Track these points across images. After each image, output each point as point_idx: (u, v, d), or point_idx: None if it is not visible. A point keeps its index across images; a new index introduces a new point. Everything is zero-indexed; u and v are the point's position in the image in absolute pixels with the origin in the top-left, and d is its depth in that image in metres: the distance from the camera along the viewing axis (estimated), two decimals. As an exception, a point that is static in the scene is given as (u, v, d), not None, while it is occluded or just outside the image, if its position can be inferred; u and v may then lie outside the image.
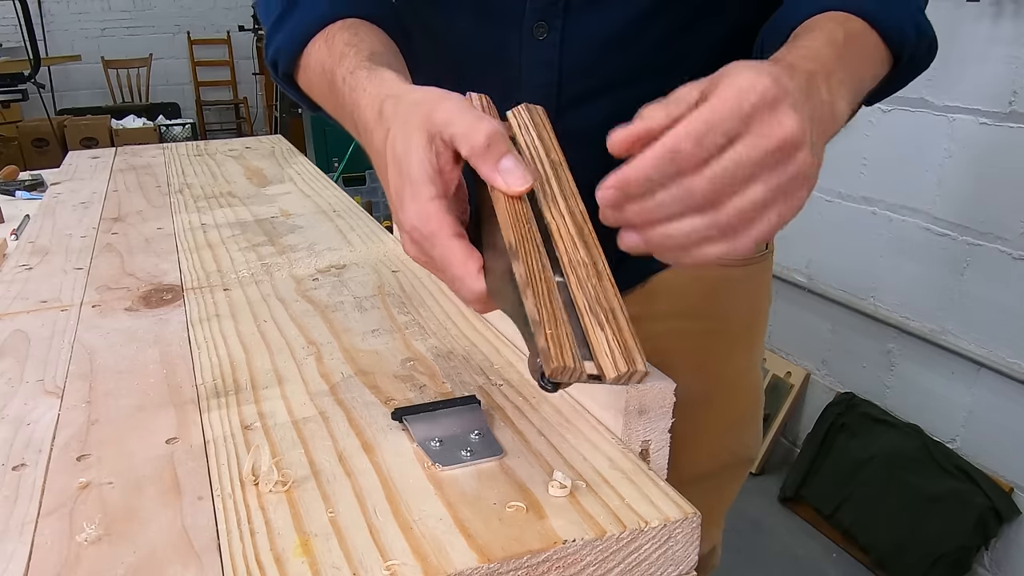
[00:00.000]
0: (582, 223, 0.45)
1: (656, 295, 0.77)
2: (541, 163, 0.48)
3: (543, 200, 0.46)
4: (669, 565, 0.41)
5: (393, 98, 0.50)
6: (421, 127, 0.46)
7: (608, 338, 0.41)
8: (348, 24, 0.62)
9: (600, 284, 0.43)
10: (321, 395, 0.53)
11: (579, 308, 0.42)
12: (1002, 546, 1.85)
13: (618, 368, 0.40)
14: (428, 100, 0.47)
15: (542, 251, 0.43)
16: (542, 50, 0.67)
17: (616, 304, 0.42)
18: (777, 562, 2.04)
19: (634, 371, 0.40)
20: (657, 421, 0.47)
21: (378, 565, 0.36)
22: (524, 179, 0.44)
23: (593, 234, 0.45)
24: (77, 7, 6.30)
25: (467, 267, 0.44)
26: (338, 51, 0.60)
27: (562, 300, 0.42)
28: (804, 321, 2.32)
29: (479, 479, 0.43)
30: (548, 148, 0.49)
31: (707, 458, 0.82)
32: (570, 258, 0.44)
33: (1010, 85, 1.70)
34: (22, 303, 0.72)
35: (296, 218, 0.96)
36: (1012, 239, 1.74)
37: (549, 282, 0.42)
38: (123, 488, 0.43)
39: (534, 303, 0.40)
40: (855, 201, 2.11)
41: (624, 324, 0.41)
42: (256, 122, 6.78)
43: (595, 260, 0.44)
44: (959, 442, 1.93)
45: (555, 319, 0.40)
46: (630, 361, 0.40)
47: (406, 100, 0.49)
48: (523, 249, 0.42)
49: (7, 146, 4.77)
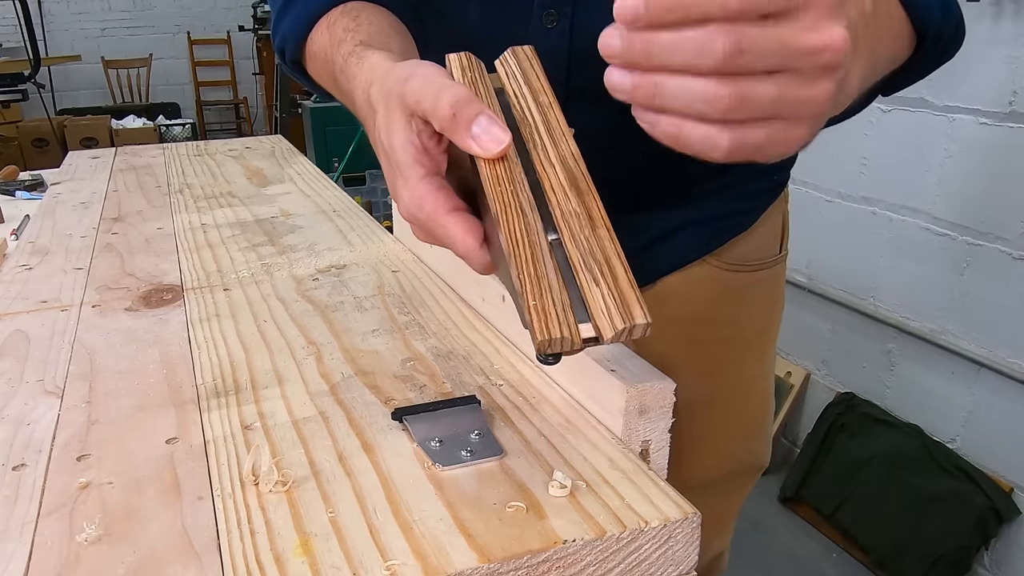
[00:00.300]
0: (574, 168, 0.43)
1: (665, 299, 0.75)
2: (529, 109, 0.46)
3: (533, 150, 0.44)
4: (669, 565, 0.40)
5: (377, 82, 0.49)
6: (398, 108, 0.45)
7: (604, 294, 0.38)
8: (351, 7, 0.61)
9: (595, 233, 0.40)
10: (321, 395, 0.53)
11: (574, 265, 0.39)
12: (1002, 546, 1.85)
13: (615, 325, 0.37)
14: (401, 78, 0.45)
15: (528, 213, 0.41)
16: (551, 39, 0.65)
17: (612, 252, 0.40)
18: (777, 562, 2.04)
19: (633, 325, 0.37)
20: (657, 421, 0.47)
21: (378, 565, 0.36)
22: (498, 140, 0.41)
23: (587, 177, 0.43)
24: (77, 7, 6.30)
25: (467, 243, 0.43)
26: (337, 37, 0.58)
27: (557, 260, 0.40)
28: (804, 321, 2.32)
29: (479, 479, 0.43)
30: (536, 91, 0.47)
31: (715, 465, 0.81)
32: (563, 210, 0.41)
33: (1010, 85, 1.71)
34: (22, 303, 0.72)
35: (296, 218, 0.96)
36: (1012, 239, 1.74)
37: (534, 246, 0.40)
38: (123, 488, 0.43)
39: (516, 273, 0.39)
40: (855, 201, 2.11)
41: (621, 273, 0.39)
42: (256, 122, 6.79)
43: (588, 207, 0.41)
44: (959, 442, 1.93)
45: (539, 287, 0.38)
46: (627, 316, 0.37)
47: (386, 81, 0.47)
48: (504, 216, 0.40)
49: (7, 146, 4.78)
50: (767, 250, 0.78)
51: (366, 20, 0.59)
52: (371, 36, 0.57)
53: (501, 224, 0.40)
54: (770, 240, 0.79)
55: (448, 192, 0.44)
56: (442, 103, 0.42)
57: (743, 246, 0.77)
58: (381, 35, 0.57)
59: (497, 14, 0.67)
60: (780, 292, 0.84)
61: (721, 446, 0.82)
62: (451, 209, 0.43)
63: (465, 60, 0.49)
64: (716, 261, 0.75)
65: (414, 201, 0.44)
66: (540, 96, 0.46)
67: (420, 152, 0.44)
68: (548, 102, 0.46)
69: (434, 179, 0.44)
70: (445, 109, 0.41)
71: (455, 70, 0.48)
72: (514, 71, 0.48)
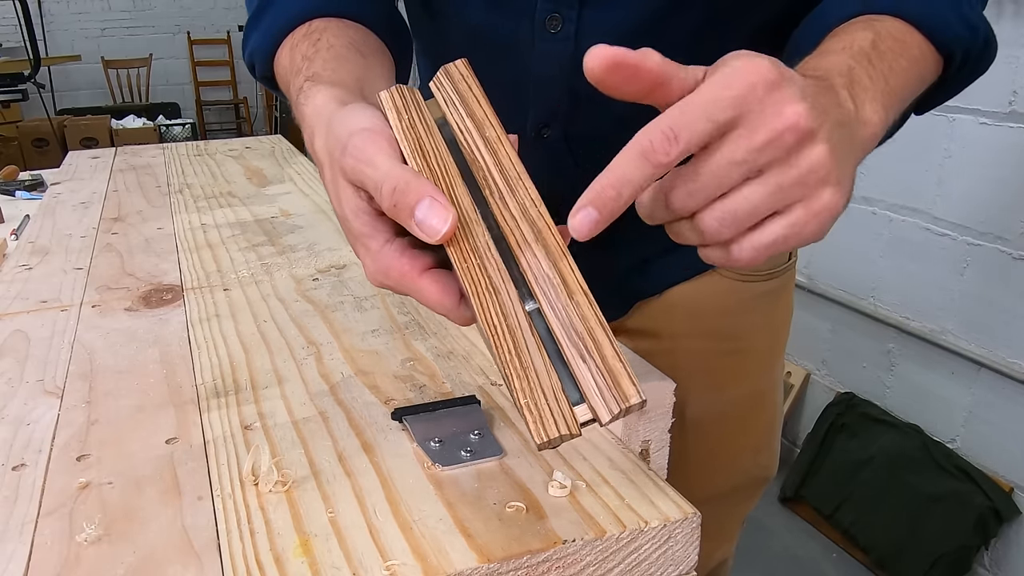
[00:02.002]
0: (536, 218, 0.40)
1: (674, 309, 0.74)
2: (477, 147, 0.43)
3: (491, 198, 0.41)
4: (669, 565, 0.40)
5: (319, 135, 0.46)
6: (342, 177, 0.42)
7: (593, 372, 0.36)
8: (315, 28, 0.58)
9: (572, 301, 0.38)
10: (321, 395, 0.53)
11: (557, 339, 0.38)
12: (1002, 546, 1.85)
13: (610, 410, 0.36)
14: (338, 141, 0.43)
15: (500, 289, 0.39)
16: (555, 44, 0.63)
17: (593, 322, 0.37)
18: (777, 562, 2.04)
19: (627, 408, 0.36)
20: (657, 421, 0.47)
21: (378, 565, 0.36)
22: (441, 223, 0.38)
23: (551, 227, 0.40)
24: (77, 7, 6.30)
25: (444, 304, 0.41)
26: (296, 66, 0.56)
27: (538, 332, 0.38)
28: (804, 321, 2.32)
29: (479, 479, 0.43)
30: (480, 123, 0.43)
31: (722, 480, 0.80)
32: (535, 274, 0.39)
33: (1010, 85, 1.71)
34: (22, 303, 0.72)
35: (296, 218, 0.96)
36: (1012, 239, 1.74)
37: (514, 331, 0.38)
38: (123, 488, 0.43)
39: (500, 365, 0.37)
40: (855, 201, 2.10)
41: (606, 345, 0.37)
42: (256, 122, 6.78)
43: (560, 269, 0.39)
44: (959, 442, 1.93)
45: (527, 381, 0.36)
46: (621, 398, 0.36)
47: (328, 140, 0.44)
48: (477, 300, 0.39)
49: (7, 146, 4.77)
50: (777, 257, 0.76)
51: (325, 45, 0.56)
52: (324, 66, 0.53)
53: (476, 309, 0.38)
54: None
55: (413, 253, 0.42)
56: (383, 194, 0.40)
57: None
58: (336, 62, 0.54)
59: (499, 18, 0.65)
60: (789, 301, 0.82)
61: (728, 461, 0.80)
62: (421, 271, 0.42)
63: (399, 99, 0.45)
64: (726, 270, 0.75)
65: (380, 270, 0.42)
66: (486, 129, 0.43)
67: (375, 218, 0.42)
68: (496, 136, 0.43)
69: (395, 243, 0.42)
70: (386, 200, 0.39)
71: (390, 114, 0.45)
72: (451, 96, 0.45)
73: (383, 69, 0.58)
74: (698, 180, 0.37)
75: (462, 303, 0.41)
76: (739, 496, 0.85)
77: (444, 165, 0.43)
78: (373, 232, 0.42)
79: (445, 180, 0.42)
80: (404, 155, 0.43)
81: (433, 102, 0.46)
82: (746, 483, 0.84)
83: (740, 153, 0.36)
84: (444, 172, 0.42)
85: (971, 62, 0.52)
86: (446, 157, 0.43)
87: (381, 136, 0.42)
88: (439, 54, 0.73)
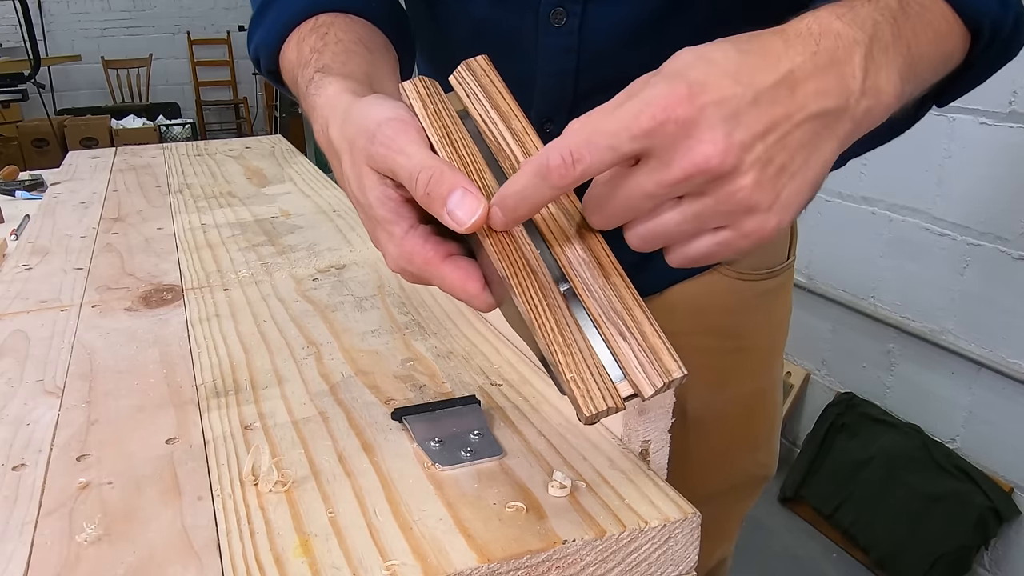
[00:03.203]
0: (568, 205, 0.41)
1: (675, 307, 0.74)
2: (503, 137, 0.43)
3: None
4: (669, 565, 0.40)
5: (335, 124, 0.46)
6: (367, 165, 0.43)
7: (634, 349, 0.38)
8: (322, 22, 0.58)
9: (609, 282, 0.39)
10: (321, 395, 0.53)
11: (595, 318, 0.39)
12: (1002, 546, 1.85)
13: (653, 384, 0.37)
14: (364, 131, 0.43)
15: (538, 271, 0.39)
16: (559, 38, 0.63)
17: (631, 302, 0.39)
18: (777, 562, 2.04)
19: (670, 381, 0.37)
20: (657, 421, 0.47)
21: (378, 565, 0.36)
22: (472, 213, 0.39)
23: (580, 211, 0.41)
24: (77, 7, 6.30)
25: (468, 289, 0.42)
26: (304, 58, 0.56)
27: (574, 317, 0.39)
28: (804, 321, 2.32)
29: (479, 479, 0.43)
30: (506, 115, 0.44)
31: (722, 479, 0.80)
32: (569, 258, 0.40)
33: (1010, 85, 1.71)
34: (22, 303, 0.72)
35: (296, 218, 0.96)
36: (1012, 239, 1.74)
37: (555, 310, 0.38)
38: (123, 488, 0.43)
39: (545, 344, 0.38)
40: (855, 201, 2.11)
41: (645, 323, 0.38)
42: (256, 122, 6.79)
43: (595, 252, 0.40)
44: (959, 442, 1.93)
45: (571, 357, 0.37)
46: (663, 371, 0.37)
47: (346, 128, 0.45)
48: (517, 282, 0.39)
49: (7, 146, 4.77)
50: (777, 256, 0.77)
51: (333, 39, 0.56)
52: (334, 58, 0.54)
53: (516, 293, 0.39)
54: (780, 246, 0.77)
55: (436, 240, 0.42)
56: (417, 183, 0.40)
57: (754, 253, 0.76)
58: (345, 55, 0.55)
59: (503, 11, 0.65)
60: (788, 300, 0.82)
61: (729, 461, 0.80)
62: (444, 257, 0.42)
63: (423, 90, 0.45)
64: (726, 269, 0.74)
65: (403, 256, 0.43)
66: (512, 121, 0.44)
67: (400, 204, 0.43)
68: (522, 128, 0.43)
69: (419, 229, 0.42)
70: (420, 189, 0.40)
71: (415, 103, 0.45)
72: (474, 90, 0.45)
73: (388, 67, 0.58)
74: (610, 206, 0.38)
75: (485, 289, 0.42)
76: (739, 495, 0.85)
77: (472, 154, 0.43)
78: (397, 219, 0.43)
79: (474, 168, 0.43)
80: (432, 144, 0.43)
81: (453, 95, 0.46)
82: (746, 482, 0.84)
83: (651, 186, 0.36)
84: (472, 161, 0.43)
85: (1000, 41, 0.49)
86: (472, 147, 0.44)
87: (410, 125, 0.43)
88: (442, 49, 0.72)
